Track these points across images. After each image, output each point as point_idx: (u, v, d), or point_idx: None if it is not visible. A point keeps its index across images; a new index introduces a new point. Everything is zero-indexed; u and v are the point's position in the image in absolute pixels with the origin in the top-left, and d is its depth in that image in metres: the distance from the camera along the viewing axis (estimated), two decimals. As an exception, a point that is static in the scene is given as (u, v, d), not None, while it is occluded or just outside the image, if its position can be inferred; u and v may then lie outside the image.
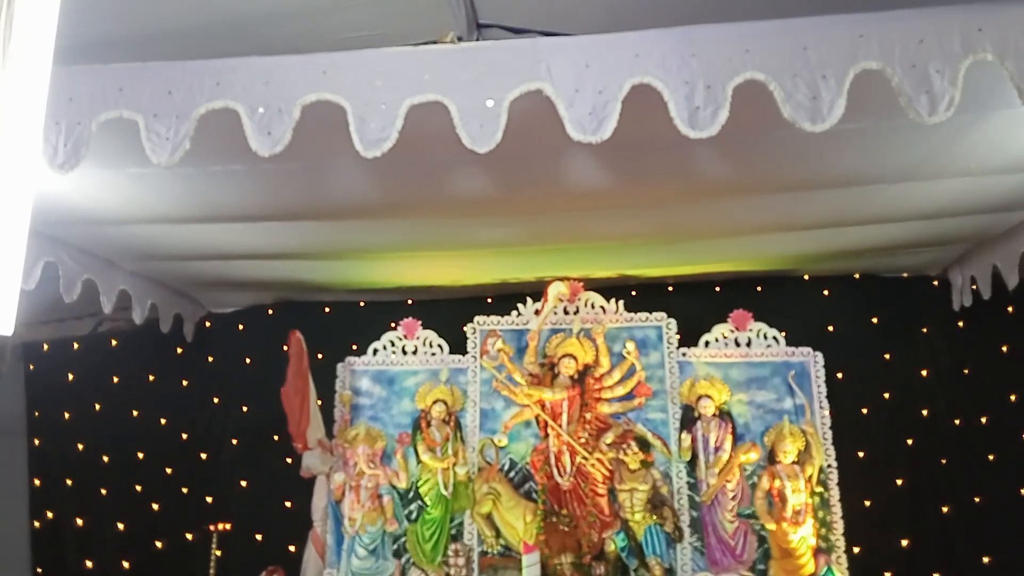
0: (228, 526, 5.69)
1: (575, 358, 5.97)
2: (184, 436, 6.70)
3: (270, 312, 6.91)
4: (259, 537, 6.24)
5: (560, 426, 5.86)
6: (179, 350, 6.85)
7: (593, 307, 6.17)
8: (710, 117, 3.13)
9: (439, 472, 5.85)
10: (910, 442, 6.04)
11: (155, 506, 6.46)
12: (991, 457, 5.92)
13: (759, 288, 6.40)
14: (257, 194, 4.51)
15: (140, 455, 6.58)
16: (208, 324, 6.99)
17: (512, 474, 5.90)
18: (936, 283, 6.32)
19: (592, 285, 6.20)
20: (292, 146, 3.29)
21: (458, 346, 6.23)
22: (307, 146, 3.43)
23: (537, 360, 6.05)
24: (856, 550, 5.68)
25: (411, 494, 5.91)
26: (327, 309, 6.87)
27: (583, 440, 5.84)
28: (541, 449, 5.92)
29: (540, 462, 5.88)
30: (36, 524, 6.43)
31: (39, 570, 6.23)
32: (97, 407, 6.68)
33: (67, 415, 6.65)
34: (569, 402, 5.90)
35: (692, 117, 3.13)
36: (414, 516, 5.87)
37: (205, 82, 3.28)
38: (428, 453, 5.92)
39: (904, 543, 5.81)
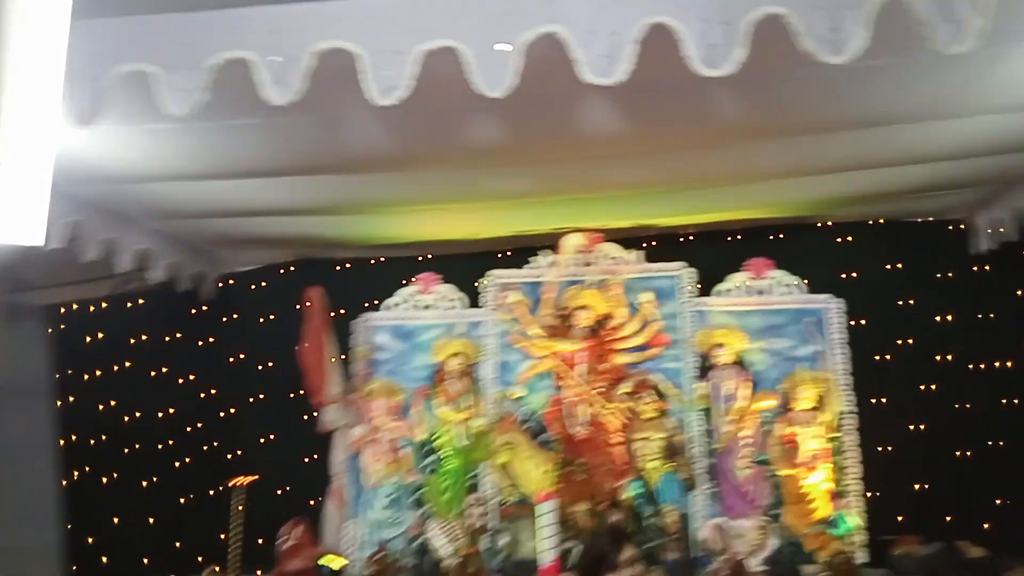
0: (250, 479, 5.78)
1: (591, 309, 6.00)
2: (206, 394, 6.81)
3: (288, 270, 6.95)
4: (282, 492, 6.36)
5: (576, 377, 5.92)
6: (198, 309, 6.92)
7: (609, 258, 6.17)
8: (727, 55, 3.10)
9: (456, 424, 5.93)
10: (926, 388, 6.04)
11: (180, 462, 6.60)
12: (1016, 401, 5.92)
13: (778, 236, 6.37)
14: (273, 148, 4.52)
15: (164, 413, 6.70)
16: (227, 283, 7.04)
17: (528, 425, 5.96)
18: (960, 227, 6.26)
19: (608, 236, 6.20)
20: (306, 97, 3.30)
21: (474, 300, 6.27)
22: (321, 97, 3.43)
23: (553, 312, 6.08)
24: (870, 495, 5.73)
25: (429, 447, 5.99)
26: (344, 266, 6.91)
27: (599, 390, 5.89)
28: (557, 400, 5.97)
29: (556, 413, 5.94)
30: (64, 482, 6.58)
31: (69, 526, 6.39)
32: (121, 366, 6.78)
33: (92, 375, 6.76)
34: (585, 353, 5.94)
35: (708, 55, 3.10)
36: (432, 468, 5.96)
37: (219, 32, 3.27)
38: (446, 406, 6.00)
39: (918, 487, 5.84)
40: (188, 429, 6.68)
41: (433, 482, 5.88)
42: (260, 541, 5.91)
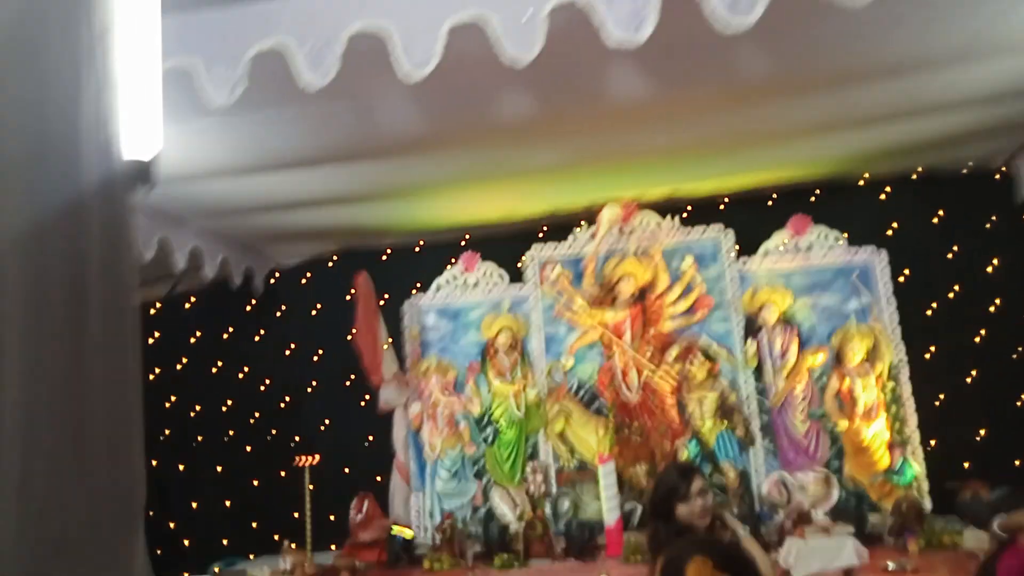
0: (316, 458, 5.98)
1: (634, 278, 6.05)
2: (264, 385, 7.04)
3: (333, 261, 7.12)
4: (347, 471, 6.55)
5: (623, 345, 5.97)
6: (250, 305, 7.14)
7: (648, 226, 6.19)
8: (750, 5, 3.10)
9: (510, 396, 6.05)
10: (979, 337, 5.94)
11: (246, 451, 6.84)
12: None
13: (816, 194, 6.30)
14: (310, 137, 4.65)
15: (225, 406, 6.94)
16: (276, 277, 7.25)
17: (581, 393, 6.05)
18: (999, 176, 6.12)
19: (646, 206, 6.23)
20: (340, 83, 3.39)
21: (517, 277, 6.37)
22: (354, 82, 3.53)
23: (596, 283, 6.14)
24: (932, 443, 5.68)
25: (486, 419, 6.13)
26: (387, 253, 7.05)
27: (648, 356, 5.94)
28: (607, 368, 6.04)
29: (607, 380, 6.01)
30: (141, 473, 6.87)
31: (151, 513, 6.67)
32: (181, 364, 7.05)
33: (154, 374, 7.04)
34: (631, 321, 5.99)
35: (732, 5, 3.11)
36: (491, 439, 6.09)
37: (255, 23, 3.39)
38: (498, 379, 6.12)
39: (981, 434, 5.75)
40: (251, 420, 6.91)
41: (492, 453, 6.02)
42: (331, 518, 6.12)
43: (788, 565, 4.43)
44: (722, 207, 6.47)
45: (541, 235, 6.55)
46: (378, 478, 6.31)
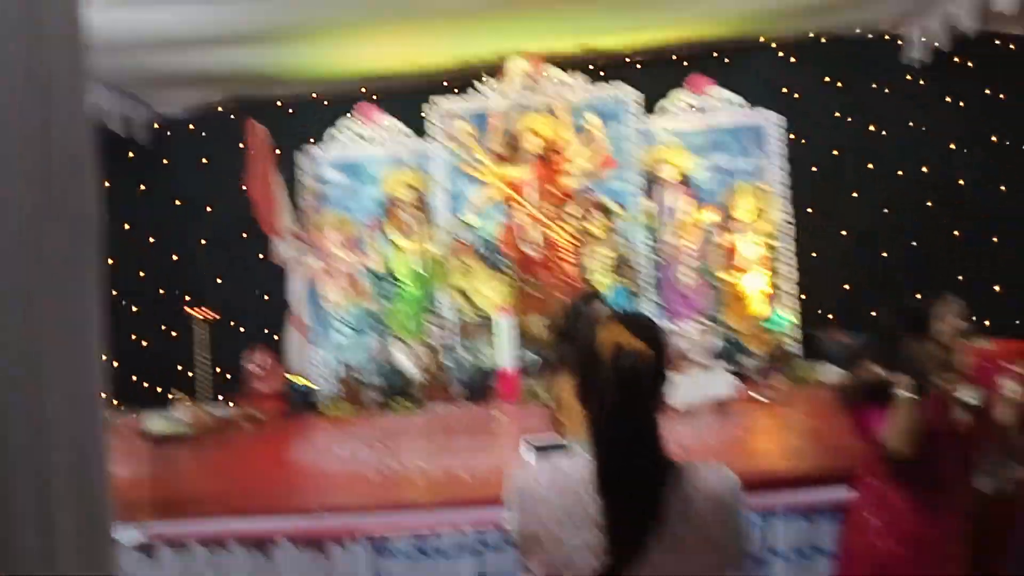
0: (209, 313, 5.84)
1: (539, 134, 6.04)
2: (150, 241, 6.70)
3: (221, 111, 6.70)
4: (242, 329, 6.44)
5: (526, 201, 6.03)
6: (130, 157, 6.68)
7: (554, 82, 6.14)
8: None
9: (413, 253, 6.04)
10: (855, 195, 6.35)
11: (133, 308, 6.57)
12: (929, 204, 6.30)
13: (719, 56, 6.40)
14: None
15: (109, 260, 6.58)
16: (160, 127, 6.78)
17: (483, 249, 6.11)
18: (889, 39, 6.37)
19: (552, 61, 6.15)
20: None
21: (419, 132, 6.22)
22: None
23: (501, 139, 6.09)
24: (804, 296, 6.15)
25: (388, 275, 6.11)
26: (279, 104, 6.69)
27: (549, 213, 6.04)
28: (509, 225, 6.11)
29: (509, 237, 6.09)
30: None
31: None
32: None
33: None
34: (535, 177, 6.03)
35: None
36: (393, 296, 6.10)
37: None
38: (400, 235, 6.08)
39: (847, 287, 6.26)
40: (138, 277, 6.61)
41: (393, 307, 6.05)
42: (226, 376, 6.06)
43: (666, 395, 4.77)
44: (627, 65, 6.47)
45: (445, 85, 6.38)
46: (275, 337, 6.25)
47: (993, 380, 2.62)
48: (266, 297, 6.43)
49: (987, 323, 5.39)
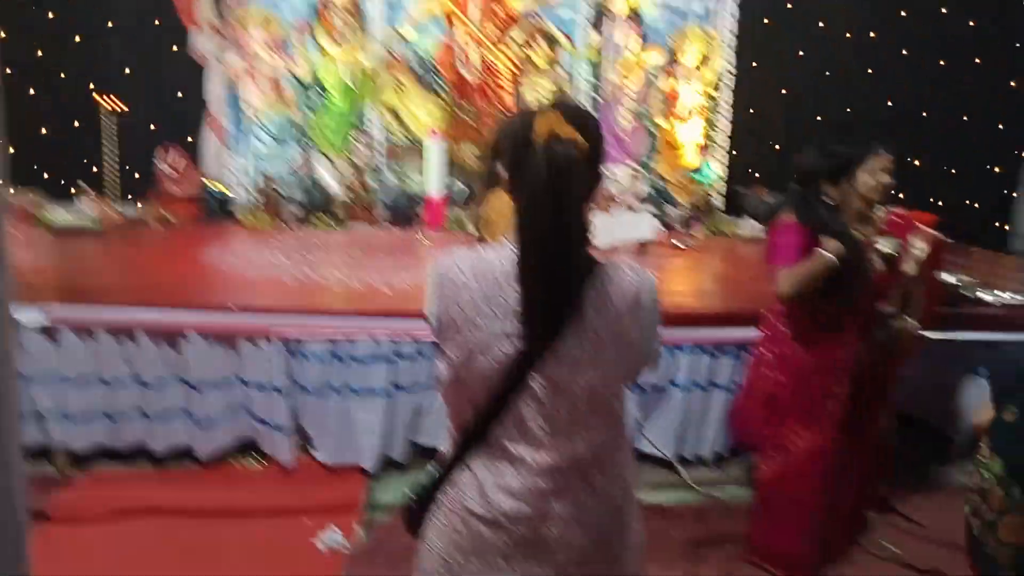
0: (120, 105, 5.42)
1: (487, -55, 5.62)
2: (49, 17, 6.05)
3: None
4: (152, 126, 6.03)
5: (469, 20, 5.70)
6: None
7: None
8: None
9: (343, 62, 5.68)
10: (801, 54, 6.28)
11: (31, 91, 6.03)
12: (870, 71, 6.30)
13: None
14: None
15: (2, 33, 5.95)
16: None
17: (418, 67, 5.81)
18: None
19: None
20: None
21: (358, -72, 5.68)
22: None
23: (446, -53, 5.65)
24: (735, 152, 6.19)
25: (314, 83, 5.76)
26: None
27: (491, 35, 5.74)
28: (448, 44, 5.79)
29: (447, 56, 5.79)
30: None
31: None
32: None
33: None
34: (479, -7, 5.67)
35: None
36: (318, 106, 5.79)
37: None
38: (330, 42, 5.68)
39: (777, 147, 6.32)
40: (35, 57, 6.01)
41: (319, 119, 5.76)
42: (136, 175, 5.73)
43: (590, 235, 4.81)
44: None
45: None
46: (190, 139, 5.89)
47: (904, 237, 2.72)
48: (180, 94, 5.99)
49: (902, 195, 5.59)
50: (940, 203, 5.82)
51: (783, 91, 6.30)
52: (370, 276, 3.84)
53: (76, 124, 5.96)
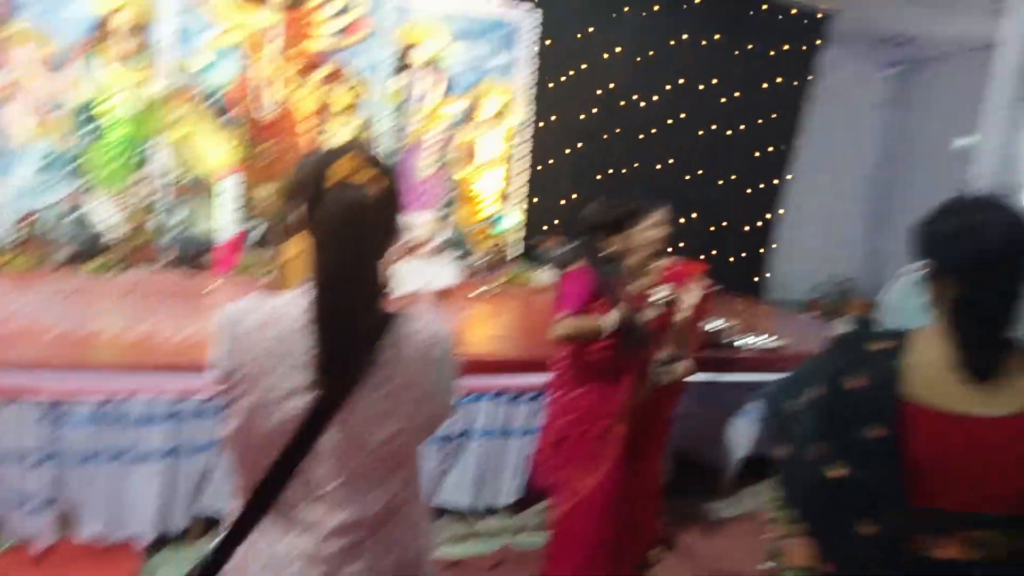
0: None
1: (288, -18, 5.51)
2: None
3: None
4: None
5: (267, 55, 5.53)
6: None
7: (310, -70, 5.60)
8: None
9: (127, 88, 5.27)
10: (587, 114, 6.74)
11: None
12: (649, 133, 6.90)
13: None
14: None
15: None
16: None
17: (211, 101, 5.52)
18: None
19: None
20: None
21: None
22: None
23: (243, -20, 5.47)
24: (531, 202, 6.48)
25: (91, 110, 5.28)
26: None
27: (290, 73, 5.61)
28: (244, 78, 5.57)
29: (242, 92, 5.57)
30: None
31: None
32: None
33: None
34: (279, 29, 5.53)
35: None
36: (94, 135, 5.31)
37: None
38: (113, 66, 5.26)
39: (568, 200, 6.69)
40: None
41: (95, 151, 5.28)
42: None
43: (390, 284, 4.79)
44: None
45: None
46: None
47: (679, 286, 2.98)
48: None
49: (677, 248, 6.14)
50: (709, 255, 6.47)
51: (576, 146, 6.72)
52: (150, 326, 3.55)
53: None
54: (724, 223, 7.26)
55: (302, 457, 1.18)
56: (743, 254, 7.37)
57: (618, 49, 6.69)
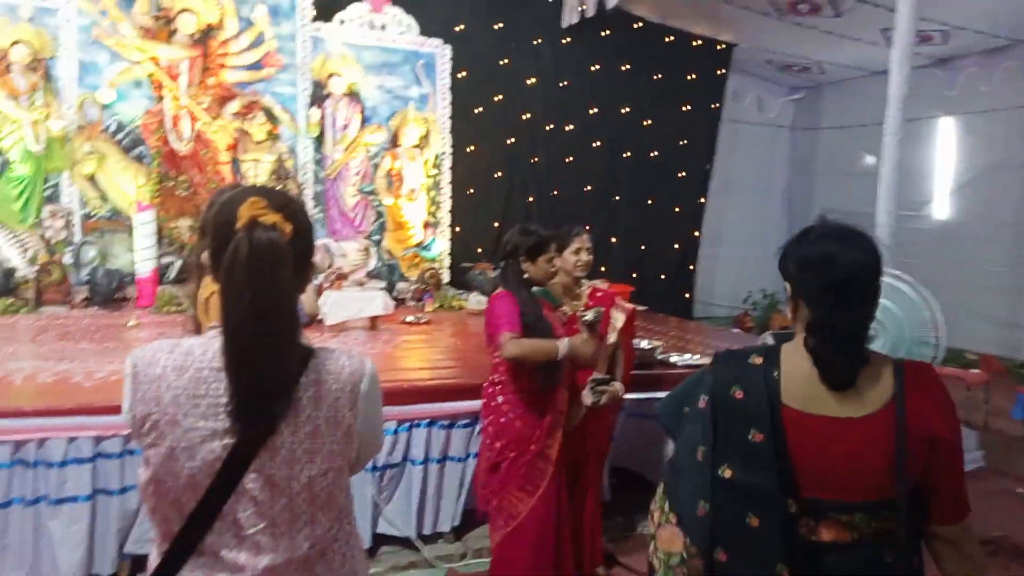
0: None
1: (197, 15, 5.41)
2: None
3: None
4: None
5: (178, 88, 5.40)
6: None
7: (221, -39, 5.53)
8: None
9: (26, 125, 5.05)
10: (510, 142, 6.84)
11: None
12: (570, 159, 7.05)
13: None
14: None
15: None
16: None
17: (120, 136, 5.35)
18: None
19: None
20: None
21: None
22: None
23: (151, 12, 5.34)
24: (458, 228, 6.49)
25: (-11, 148, 5.04)
26: None
27: (204, 106, 5.49)
28: (155, 112, 5.42)
29: (154, 125, 5.41)
30: None
31: None
32: None
33: None
34: (190, 63, 5.41)
35: None
36: (-3, 171, 5.06)
37: None
38: (11, 102, 5.03)
39: (496, 224, 6.75)
40: None
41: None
42: None
43: (323, 314, 4.70)
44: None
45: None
46: None
47: (607, 308, 3.03)
48: None
49: (604, 269, 6.26)
50: (635, 276, 6.60)
51: (498, 173, 6.79)
52: (65, 366, 3.37)
53: None
54: (648, 244, 7.44)
55: (224, 501, 1.14)
56: (668, 274, 7.56)
57: (531, 81, 6.83)
